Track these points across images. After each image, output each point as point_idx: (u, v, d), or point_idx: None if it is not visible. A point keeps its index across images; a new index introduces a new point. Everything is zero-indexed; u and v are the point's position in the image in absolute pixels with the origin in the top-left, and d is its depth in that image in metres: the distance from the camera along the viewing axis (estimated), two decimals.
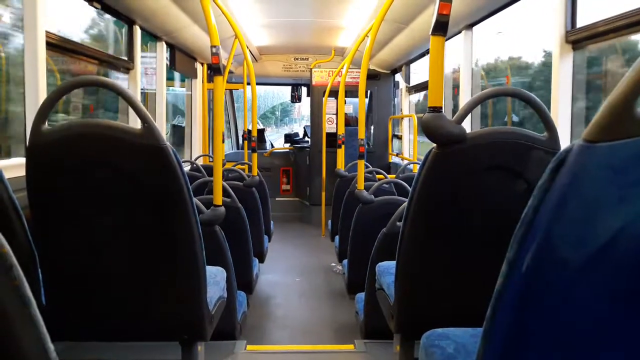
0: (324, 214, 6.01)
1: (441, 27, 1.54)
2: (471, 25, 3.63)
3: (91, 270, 1.64)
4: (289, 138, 7.86)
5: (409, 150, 5.84)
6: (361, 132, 3.45)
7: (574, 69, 2.47)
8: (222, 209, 2.26)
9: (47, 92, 2.27)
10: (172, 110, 5.75)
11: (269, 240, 4.20)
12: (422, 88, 5.43)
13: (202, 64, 5.68)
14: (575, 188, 0.60)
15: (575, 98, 2.51)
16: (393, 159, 6.41)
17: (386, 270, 2.06)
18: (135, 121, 3.45)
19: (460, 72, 3.77)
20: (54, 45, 2.56)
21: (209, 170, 4.13)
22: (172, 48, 4.53)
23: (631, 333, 0.58)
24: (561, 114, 2.48)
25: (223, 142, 3.14)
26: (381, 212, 2.74)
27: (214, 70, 2.26)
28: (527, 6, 3.00)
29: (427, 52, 4.31)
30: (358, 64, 5.89)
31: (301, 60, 6.91)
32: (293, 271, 4.49)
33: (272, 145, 7.88)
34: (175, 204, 1.56)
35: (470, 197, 1.55)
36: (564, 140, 2.17)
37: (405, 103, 5.97)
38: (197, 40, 4.57)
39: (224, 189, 2.62)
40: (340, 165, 4.57)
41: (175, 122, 5.93)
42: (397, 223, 2.30)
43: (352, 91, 5.84)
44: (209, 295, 1.77)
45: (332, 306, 3.58)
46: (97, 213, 1.57)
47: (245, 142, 5.31)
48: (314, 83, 6.47)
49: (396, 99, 6.59)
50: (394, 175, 4.16)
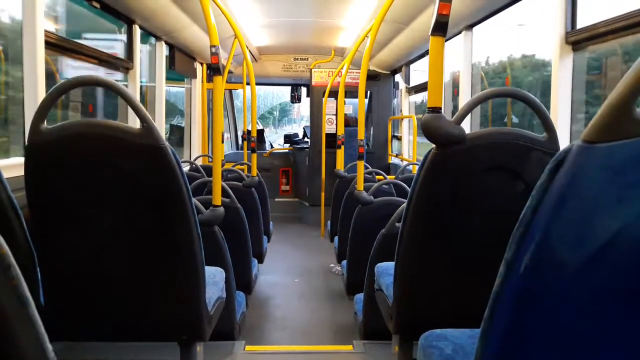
0: (323, 214, 6.01)
1: (441, 28, 1.54)
2: (471, 26, 3.63)
3: (90, 270, 1.63)
4: (288, 138, 7.86)
5: (409, 151, 5.84)
6: (361, 133, 3.45)
7: (573, 70, 2.48)
8: (221, 209, 2.26)
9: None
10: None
11: (268, 241, 4.20)
12: (421, 89, 5.43)
13: (201, 64, 5.67)
14: (573, 188, 0.60)
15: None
16: (392, 160, 6.41)
17: (385, 271, 2.06)
18: (134, 121, 3.45)
19: (459, 72, 3.77)
20: (53, 45, 2.56)
21: (208, 171, 4.12)
22: (171, 48, 4.53)
23: (630, 333, 0.58)
24: (560, 115, 2.48)
25: (222, 142, 3.14)
26: (380, 213, 2.74)
27: (214, 70, 2.26)
28: (527, 7, 2.99)
29: (427, 53, 4.31)
30: (358, 64, 5.89)
31: (301, 61, 6.90)
32: (292, 272, 4.48)
33: (271, 146, 7.88)
34: (174, 204, 1.56)
35: (469, 197, 1.55)
36: (563, 141, 2.16)
37: (404, 104, 5.97)
38: (197, 40, 4.57)
39: (223, 189, 2.62)
40: (339, 165, 4.57)
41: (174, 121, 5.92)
42: (397, 224, 2.30)
43: (351, 92, 5.84)
44: (207, 295, 1.77)
45: (331, 307, 3.57)
46: (95, 213, 1.57)
47: (245, 142, 5.30)
48: (313, 83, 6.47)
49: (396, 99, 6.59)
50: (394, 176, 4.16)
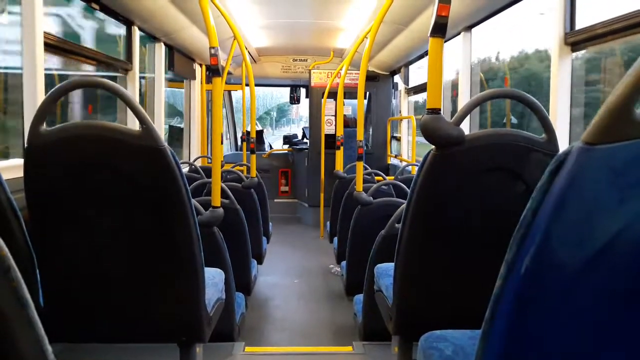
0: (322, 215, 6.00)
1: (440, 29, 1.54)
2: (470, 27, 3.63)
3: (89, 271, 1.63)
4: (287, 139, 7.86)
5: (408, 151, 5.84)
6: (360, 134, 3.45)
7: (572, 71, 2.48)
8: (221, 210, 2.26)
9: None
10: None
11: (268, 242, 4.20)
12: (421, 90, 5.43)
13: (200, 65, 5.67)
14: (574, 190, 0.60)
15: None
16: (392, 161, 6.41)
17: (385, 272, 2.05)
18: (133, 122, 3.45)
19: (459, 73, 3.77)
20: (52, 46, 2.56)
21: (208, 172, 4.12)
22: (170, 49, 4.53)
23: (631, 334, 0.57)
24: (560, 116, 2.48)
25: (222, 143, 3.14)
26: (380, 214, 2.74)
27: (213, 71, 2.26)
28: (526, 7, 3.00)
29: (426, 54, 4.32)
30: (357, 65, 5.89)
31: (300, 62, 6.90)
32: (291, 273, 4.48)
33: (270, 147, 7.87)
34: (173, 206, 1.56)
35: (469, 198, 1.55)
36: (562, 142, 2.17)
37: (404, 104, 5.98)
38: (196, 42, 4.57)
39: (222, 190, 2.61)
40: (339, 166, 4.57)
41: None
42: (396, 225, 2.29)
43: (351, 92, 5.84)
44: (207, 296, 1.77)
45: (330, 308, 3.57)
46: (95, 214, 1.57)
47: (244, 143, 5.30)
48: (312, 84, 6.47)
49: (395, 100, 6.59)
50: (393, 177, 4.16)
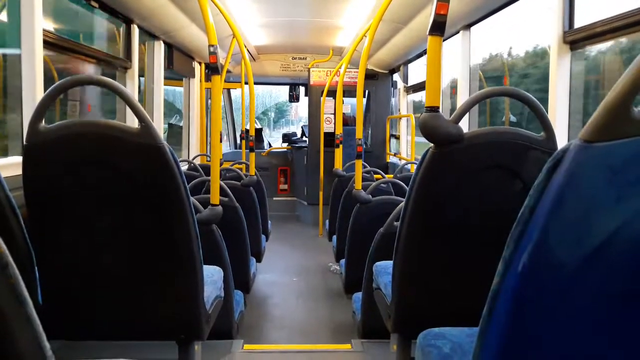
0: (321, 213, 6.01)
1: (438, 27, 1.54)
2: (469, 26, 3.63)
3: (88, 269, 1.63)
4: (286, 138, 7.86)
5: (407, 150, 5.85)
6: (359, 132, 3.45)
7: (571, 70, 2.48)
8: (220, 208, 2.26)
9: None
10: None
11: (267, 240, 4.20)
12: (419, 88, 5.43)
13: (199, 63, 5.67)
14: (571, 188, 0.60)
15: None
16: (391, 159, 6.42)
17: (383, 270, 2.06)
18: (132, 120, 3.45)
19: (458, 72, 3.77)
20: (51, 44, 2.55)
21: (207, 170, 4.12)
22: (169, 47, 4.52)
23: (628, 332, 0.58)
24: (559, 115, 2.48)
25: (221, 141, 3.14)
26: (379, 212, 2.74)
27: (212, 69, 2.26)
28: (525, 6, 3.00)
29: (425, 52, 4.31)
30: (356, 63, 5.88)
31: (299, 60, 6.90)
32: (290, 271, 4.48)
33: (269, 145, 7.87)
34: (172, 203, 1.56)
35: (468, 196, 1.56)
36: (561, 141, 2.17)
37: (403, 103, 5.98)
38: (195, 40, 4.56)
39: (221, 188, 2.61)
40: (338, 165, 4.57)
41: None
42: (395, 223, 2.30)
43: (350, 91, 5.85)
44: (206, 294, 1.77)
45: (329, 306, 3.58)
46: (94, 212, 1.57)
47: (243, 141, 5.30)
48: (312, 83, 6.47)
49: (394, 98, 6.59)
50: (392, 175, 4.16)
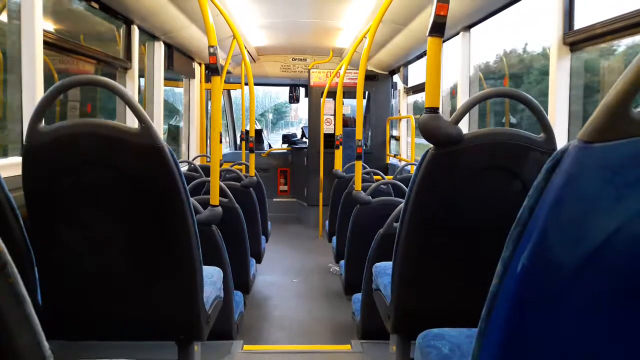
0: (321, 214, 6.01)
1: (438, 28, 1.55)
2: (469, 27, 3.63)
3: (87, 269, 1.63)
4: (286, 139, 7.87)
5: (407, 151, 5.85)
6: (359, 133, 3.45)
7: (571, 71, 2.48)
8: (219, 209, 2.26)
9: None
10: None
11: (266, 241, 4.20)
12: (419, 89, 5.43)
13: (199, 64, 5.67)
14: (570, 188, 0.60)
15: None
16: (391, 160, 6.42)
17: (383, 270, 2.06)
18: (132, 121, 3.45)
19: (458, 73, 3.77)
20: (51, 44, 2.55)
21: (207, 171, 4.12)
22: (169, 48, 4.53)
23: (628, 332, 0.58)
24: (558, 116, 2.48)
25: (221, 142, 3.14)
26: (378, 213, 2.74)
27: (212, 70, 2.26)
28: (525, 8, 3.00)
29: (425, 54, 4.31)
30: (356, 65, 5.89)
31: (299, 61, 6.90)
32: (290, 272, 4.48)
33: (269, 146, 7.88)
34: (172, 204, 1.56)
35: (467, 197, 1.56)
36: (561, 142, 2.17)
37: (403, 104, 5.98)
38: (195, 41, 4.57)
39: (221, 189, 2.61)
40: (338, 166, 4.57)
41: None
42: (394, 224, 2.30)
43: (350, 92, 5.85)
44: (205, 295, 1.77)
45: (329, 307, 3.58)
46: (93, 212, 1.57)
47: (243, 142, 5.30)
48: (312, 84, 6.47)
49: (394, 100, 6.59)
50: (392, 176, 4.16)
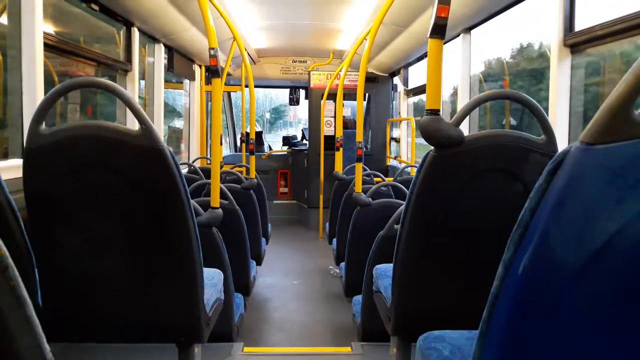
0: (321, 216, 6.01)
1: (439, 30, 1.54)
2: (469, 29, 3.64)
3: (88, 271, 1.63)
4: (287, 141, 7.87)
5: (407, 153, 5.85)
6: (359, 135, 3.45)
7: (571, 73, 2.48)
8: (220, 211, 2.25)
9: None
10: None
11: (267, 243, 4.20)
12: (420, 91, 5.43)
13: (200, 66, 5.67)
14: (572, 190, 0.60)
15: None
16: (391, 162, 6.42)
17: (383, 272, 2.06)
18: (133, 123, 3.45)
19: (458, 75, 3.78)
20: (51, 47, 2.55)
21: (207, 173, 4.12)
22: (170, 50, 4.53)
23: (629, 335, 0.57)
24: (559, 117, 2.48)
25: (221, 144, 3.14)
26: (379, 215, 2.74)
27: (212, 72, 2.26)
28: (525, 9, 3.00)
29: (425, 55, 4.32)
30: (356, 66, 5.90)
31: (299, 63, 6.90)
32: (290, 274, 4.48)
33: (270, 148, 7.88)
34: (172, 206, 1.56)
35: (468, 199, 1.55)
36: (562, 143, 2.17)
37: (403, 106, 5.98)
38: (196, 43, 4.57)
39: (221, 191, 2.61)
40: (338, 168, 4.57)
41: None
42: (395, 226, 2.29)
43: (350, 94, 5.85)
44: (206, 297, 1.77)
45: (329, 309, 3.57)
46: (94, 215, 1.57)
47: (243, 144, 5.30)
48: (312, 85, 6.47)
49: (394, 102, 6.59)
50: (392, 178, 4.16)
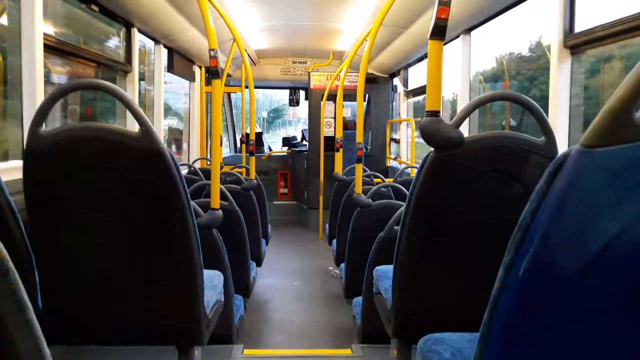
0: (321, 217, 6.00)
1: (439, 31, 1.54)
2: (469, 30, 3.64)
3: (88, 273, 1.63)
4: (287, 141, 7.87)
5: (407, 154, 5.85)
6: (359, 136, 3.45)
7: (571, 74, 2.48)
8: (220, 212, 2.25)
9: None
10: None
11: (267, 244, 4.20)
12: (420, 92, 5.43)
13: (200, 67, 5.68)
14: (572, 192, 0.60)
15: None
16: (391, 163, 6.42)
17: (384, 274, 2.05)
18: (133, 124, 3.45)
19: (458, 76, 3.78)
20: (51, 48, 2.55)
21: (207, 174, 4.12)
22: (170, 51, 4.53)
23: (630, 337, 0.57)
24: (559, 119, 2.48)
25: (221, 145, 3.13)
26: (379, 216, 2.74)
27: (212, 73, 2.26)
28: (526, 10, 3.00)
29: (425, 56, 4.32)
30: (356, 67, 5.90)
31: (299, 64, 6.90)
32: (290, 275, 4.48)
33: (270, 149, 7.88)
34: (172, 207, 1.56)
35: (468, 201, 1.55)
36: (562, 145, 2.17)
37: (403, 107, 5.98)
38: (196, 44, 4.57)
39: (221, 192, 2.61)
40: (338, 169, 4.57)
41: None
42: (395, 227, 2.29)
43: (350, 95, 5.86)
44: (206, 299, 1.76)
45: (329, 310, 3.57)
46: (94, 216, 1.57)
47: (243, 145, 5.30)
48: (312, 86, 6.47)
49: (394, 103, 6.60)
50: (392, 179, 4.16)
